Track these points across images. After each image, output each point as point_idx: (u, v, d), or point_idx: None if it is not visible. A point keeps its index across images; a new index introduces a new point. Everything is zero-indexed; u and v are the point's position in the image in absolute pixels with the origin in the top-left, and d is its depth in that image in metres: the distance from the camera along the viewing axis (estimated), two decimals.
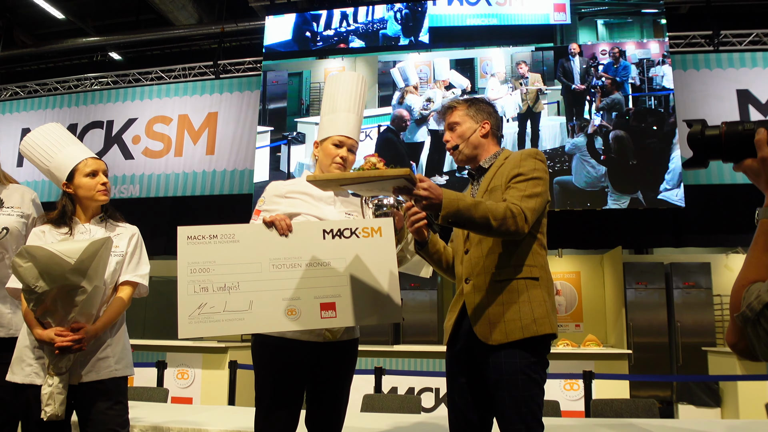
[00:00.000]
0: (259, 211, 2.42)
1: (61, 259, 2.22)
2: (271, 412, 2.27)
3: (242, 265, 2.17)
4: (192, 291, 2.11)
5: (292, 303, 2.15)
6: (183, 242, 2.17)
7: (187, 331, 2.08)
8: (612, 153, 7.64)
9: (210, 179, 8.93)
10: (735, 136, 1.24)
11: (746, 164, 1.22)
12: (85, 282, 2.30)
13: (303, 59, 8.77)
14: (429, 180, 2.00)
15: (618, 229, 8.37)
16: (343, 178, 2.08)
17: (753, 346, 1.12)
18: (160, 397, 4.19)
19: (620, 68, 7.86)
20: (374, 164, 2.10)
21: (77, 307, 2.32)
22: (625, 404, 3.71)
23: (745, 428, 3.06)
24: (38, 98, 10.03)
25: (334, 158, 2.43)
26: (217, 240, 2.18)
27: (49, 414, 2.28)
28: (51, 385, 2.31)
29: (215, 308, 2.11)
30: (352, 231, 2.26)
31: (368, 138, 8.24)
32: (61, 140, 2.65)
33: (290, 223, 2.23)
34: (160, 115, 9.36)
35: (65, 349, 2.30)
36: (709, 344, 7.99)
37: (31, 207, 2.86)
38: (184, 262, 2.14)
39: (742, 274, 1.17)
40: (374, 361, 5.96)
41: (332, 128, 2.48)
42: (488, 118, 2.40)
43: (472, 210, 2.02)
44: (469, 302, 2.24)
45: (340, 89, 2.52)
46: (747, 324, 1.11)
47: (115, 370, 2.48)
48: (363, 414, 3.68)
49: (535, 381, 2.14)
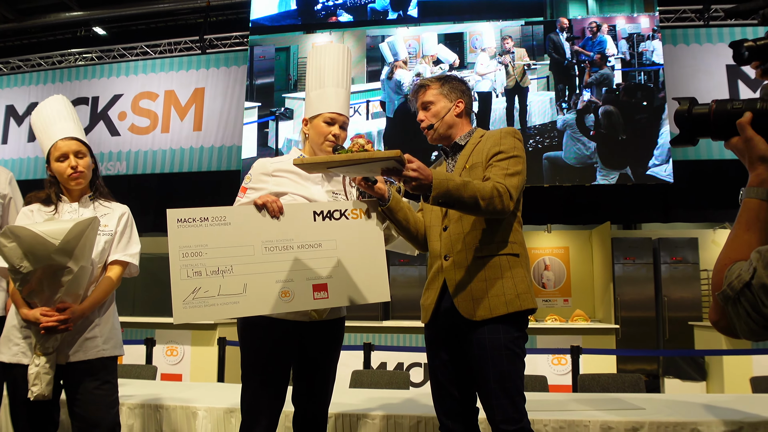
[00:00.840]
0: (245, 188, 2.38)
1: (46, 240, 2.19)
2: (257, 390, 2.27)
3: (235, 248, 2.16)
4: (185, 275, 2.09)
5: (285, 285, 2.16)
6: (173, 226, 2.13)
7: (181, 316, 2.06)
8: (602, 128, 7.63)
9: (198, 155, 8.86)
10: (724, 115, 1.25)
11: (733, 142, 1.24)
12: (71, 262, 2.28)
13: (290, 34, 8.66)
14: (418, 161, 1.99)
15: (607, 205, 8.40)
16: (331, 161, 2.04)
17: (733, 325, 1.13)
18: (149, 374, 4.19)
19: (596, 42, 7.82)
20: (362, 146, 2.07)
21: (63, 288, 2.31)
22: (612, 379, 3.74)
23: (729, 402, 3.10)
24: (22, 74, 9.88)
25: (327, 136, 2.38)
26: (209, 223, 2.16)
27: (35, 394, 2.28)
28: (38, 365, 2.30)
29: (209, 292, 2.09)
30: (341, 212, 2.26)
31: (357, 113, 8.18)
32: (50, 118, 2.58)
33: (281, 205, 2.22)
34: (146, 90, 9.25)
35: (51, 329, 2.29)
36: (696, 319, 8.08)
37: (8, 187, 2.83)
38: (175, 246, 2.11)
39: (724, 253, 1.19)
40: (363, 337, 5.99)
41: (322, 105, 2.41)
42: (462, 97, 2.38)
43: (461, 190, 2.02)
44: (450, 278, 2.24)
45: (326, 63, 2.45)
46: (728, 303, 1.11)
47: (102, 350, 2.46)
48: (352, 390, 3.70)
49: (517, 355, 2.17)
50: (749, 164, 1.21)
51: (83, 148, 2.55)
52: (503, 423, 2.12)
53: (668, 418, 2.72)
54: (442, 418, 2.32)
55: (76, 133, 2.57)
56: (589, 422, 2.74)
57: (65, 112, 2.62)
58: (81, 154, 2.53)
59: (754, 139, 1.19)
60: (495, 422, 2.14)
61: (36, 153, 9.44)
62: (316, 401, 2.39)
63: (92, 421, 2.37)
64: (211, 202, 2.27)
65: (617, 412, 2.85)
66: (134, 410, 3.16)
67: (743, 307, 1.09)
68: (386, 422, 2.89)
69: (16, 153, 9.56)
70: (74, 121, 2.62)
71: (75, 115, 2.66)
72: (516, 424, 2.11)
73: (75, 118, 2.64)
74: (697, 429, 2.67)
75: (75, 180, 2.52)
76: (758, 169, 1.19)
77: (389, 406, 3.07)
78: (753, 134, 1.19)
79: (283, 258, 2.18)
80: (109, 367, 2.49)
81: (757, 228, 1.16)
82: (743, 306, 1.09)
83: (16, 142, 9.64)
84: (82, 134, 2.60)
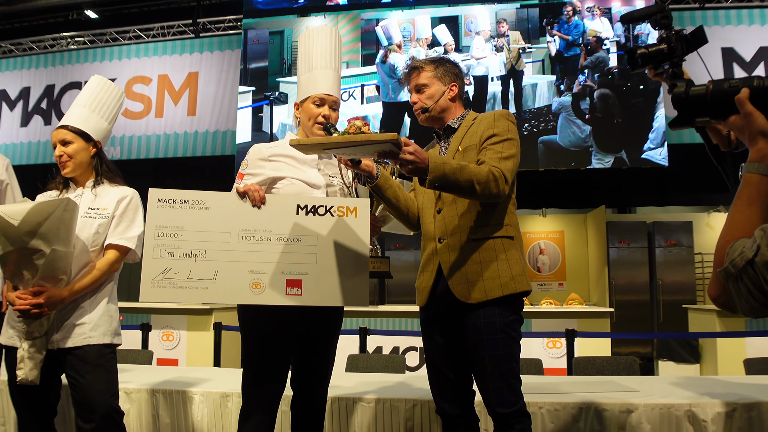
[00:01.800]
0: (242, 174, 2.37)
1: (5, 220, 2.17)
2: (257, 375, 2.27)
3: (211, 233, 2.16)
4: (157, 255, 2.11)
5: (257, 276, 2.15)
6: (153, 204, 2.15)
7: (148, 294, 2.09)
8: (597, 112, 7.62)
9: (192, 140, 8.82)
10: (720, 94, 1.26)
11: (731, 121, 1.24)
12: (43, 244, 2.23)
13: (284, 17, 8.60)
14: (415, 144, 1.98)
15: (601, 189, 8.42)
16: (328, 143, 2.03)
17: (733, 302, 1.13)
18: (145, 359, 4.19)
19: (572, 26, 7.79)
20: (359, 128, 2.05)
21: (39, 271, 2.28)
22: (607, 361, 3.76)
23: (723, 384, 3.12)
24: (13, 58, 9.80)
25: (317, 118, 2.37)
26: (188, 205, 2.16)
27: (20, 378, 2.28)
28: (23, 350, 2.30)
29: (179, 274, 2.11)
30: (326, 209, 2.23)
31: (352, 98, 8.14)
32: (75, 102, 2.63)
33: (263, 195, 2.20)
34: (139, 75, 9.19)
35: (24, 313, 2.27)
36: (690, 302, 8.12)
37: (4, 173, 2.82)
38: (152, 225, 2.13)
39: (726, 229, 1.18)
40: (359, 321, 5.99)
41: (311, 87, 2.41)
42: (455, 80, 2.38)
43: (457, 174, 2.02)
44: (445, 261, 2.24)
45: (314, 46, 2.45)
46: (729, 280, 1.12)
47: (89, 337, 2.42)
48: (348, 374, 3.71)
49: (513, 338, 2.19)
50: (749, 140, 1.21)
51: (70, 135, 2.53)
52: (499, 406, 2.13)
53: (662, 399, 2.74)
54: (438, 400, 2.33)
55: (71, 121, 2.55)
56: (584, 404, 2.75)
57: (85, 97, 2.62)
58: (66, 142, 2.52)
59: (753, 114, 1.20)
60: (491, 405, 2.15)
61: (29, 138, 9.38)
62: (315, 385, 2.40)
63: (89, 407, 2.37)
64: (205, 187, 2.26)
65: (612, 394, 2.86)
66: (130, 395, 3.16)
67: (745, 285, 1.09)
68: (382, 405, 2.90)
69: (9, 138, 9.50)
70: (87, 107, 2.60)
71: (98, 98, 2.63)
72: (512, 407, 2.12)
73: (95, 102, 2.62)
74: (691, 410, 2.68)
75: (62, 167, 2.52)
76: (759, 144, 1.19)
77: (385, 389, 3.08)
78: (752, 109, 1.20)
79: (259, 248, 2.17)
80: (104, 354, 2.47)
81: (758, 203, 1.16)
82: (745, 283, 1.09)
83: (9, 126, 9.58)
84: (89, 120, 2.57)
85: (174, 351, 6.41)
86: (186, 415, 3.08)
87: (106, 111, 2.63)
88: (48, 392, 2.45)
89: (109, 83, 2.68)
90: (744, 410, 2.67)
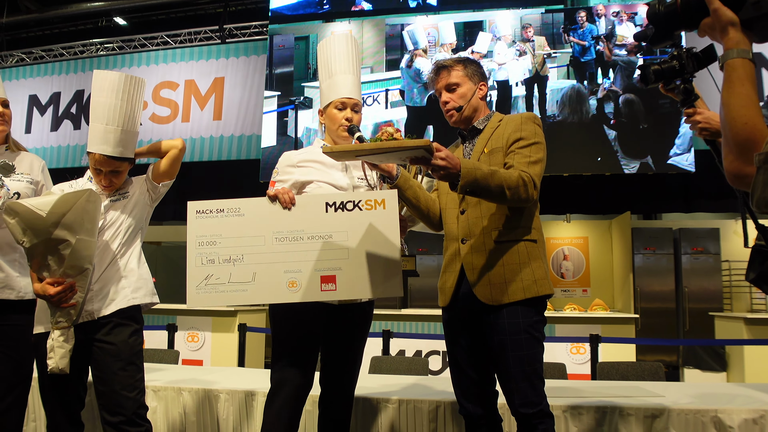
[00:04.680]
0: (274, 182, 2.45)
1: (33, 212, 2.26)
2: (285, 368, 2.32)
3: (246, 238, 2.26)
4: (200, 263, 2.24)
5: (293, 275, 2.23)
6: (192, 216, 2.28)
7: (194, 300, 2.23)
8: (622, 117, 7.56)
9: (217, 145, 8.91)
10: (690, 2, 1.37)
11: (703, 24, 1.34)
12: (68, 234, 2.31)
13: (309, 23, 8.67)
14: (446, 149, 1.99)
15: (627, 195, 8.32)
16: (361, 150, 2.06)
17: (755, 188, 1.15)
18: (171, 358, 4.25)
19: (586, 32, 7.75)
20: (391, 134, 2.09)
21: (66, 260, 2.35)
22: (631, 367, 3.72)
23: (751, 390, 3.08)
24: (44, 64, 9.99)
25: (340, 122, 2.43)
26: (224, 214, 2.28)
27: (50, 367, 2.34)
28: (53, 339, 2.36)
29: (220, 279, 2.23)
30: (354, 204, 2.28)
31: (376, 102, 8.18)
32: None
33: (293, 196, 2.27)
34: (166, 80, 9.32)
35: (49, 300, 2.34)
36: (717, 310, 8.00)
37: (40, 174, 2.89)
38: (192, 236, 2.26)
39: (735, 110, 1.21)
40: (382, 325, 6.01)
41: (332, 93, 2.47)
42: (483, 80, 2.40)
43: (488, 179, 2.03)
44: (468, 263, 2.25)
45: (333, 53, 2.51)
46: (764, 165, 1.13)
47: (132, 298, 2.54)
48: (371, 375, 3.73)
49: (537, 339, 2.19)
50: (721, 33, 1.28)
51: (116, 164, 2.58)
52: (522, 406, 2.13)
53: (689, 405, 2.72)
54: (461, 400, 2.33)
55: (107, 150, 2.55)
56: (608, 408, 2.74)
57: (115, 99, 2.57)
58: (116, 172, 2.63)
59: (720, 8, 1.27)
60: (514, 405, 2.16)
61: (59, 142, 9.56)
62: (343, 384, 2.44)
63: (116, 401, 2.41)
64: (231, 191, 2.34)
65: (636, 399, 2.84)
66: (158, 393, 3.21)
67: None
68: (405, 406, 2.91)
69: (39, 142, 9.68)
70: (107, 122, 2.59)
71: (124, 106, 2.58)
72: (535, 407, 2.13)
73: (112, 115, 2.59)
74: (717, 416, 2.66)
75: (103, 188, 2.62)
76: (730, 34, 1.26)
77: (409, 390, 3.09)
78: (719, 4, 1.27)
79: (293, 248, 2.25)
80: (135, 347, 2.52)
81: (749, 82, 1.22)
82: None
83: (40, 131, 9.77)
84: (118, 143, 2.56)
85: (199, 352, 6.49)
86: (212, 413, 3.12)
87: (126, 118, 2.59)
88: (77, 383, 2.50)
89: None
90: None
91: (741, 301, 8.68)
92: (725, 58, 1.25)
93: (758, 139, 1.16)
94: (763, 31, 1.26)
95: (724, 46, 1.27)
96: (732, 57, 1.24)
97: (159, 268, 8.26)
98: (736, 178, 1.21)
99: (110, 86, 2.55)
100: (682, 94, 1.78)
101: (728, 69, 1.24)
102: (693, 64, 1.63)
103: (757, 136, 1.16)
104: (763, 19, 1.24)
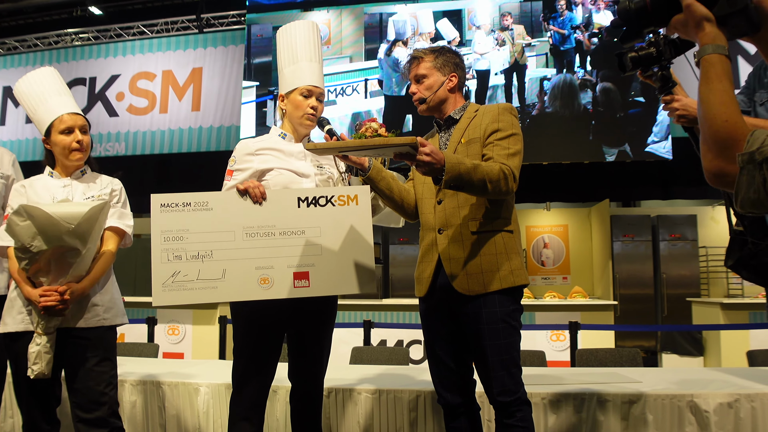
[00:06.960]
0: (231, 171, 2.38)
1: (60, 223, 2.21)
2: (247, 365, 2.30)
3: (216, 233, 2.17)
4: (165, 259, 2.13)
5: (265, 272, 2.17)
6: (156, 210, 2.17)
7: (160, 299, 2.10)
8: (599, 106, 7.60)
9: (196, 136, 8.84)
10: (658, 1, 1.36)
11: (674, 21, 1.32)
12: (81, 244, 2.30)
13: (288, 12, 8.60)
14: (431, 145, 1.98)
15: (605, 182, 8.39)
16: (345, 146, 2.04)
17: (739, 187, 1.13)
18: (151, 352, 4.22)
19: (566, 20, 7.77)
20: (376, 130, 2.07)
21: (71, 269, 2.33)
22: (610, 354, 3.77)
23: (726, 375, 3.13)
24: (18, 55, 9.82)
25: (306, 110, 2.40)
26: (191, 208, 2.18)
27: (36, 372, 2.30)
28: (39, 345, 2.31)
29: (188, 276, 2.13)
30: (327, 199, 2.25)
31: (355, 92, 8.15)
32: (46, 91, 2.57)
33: (264, 191, 2.22)
34: (143, 71, 9.20)
35: (49, 309, 2.30)
36: (694, 295, 8.12)
37: (11, 168, 2.84)
38: (157, 230, 2.14)
39: (715, 108, 1.18)
40: (363, 315, 6.01)
41: (297, 79, 2.43)
42: (455, 71, 2.38)
43: (471, 173, 2.04)
44: (445, 254, 2.26)
45: (296, 39, 2.47)
46: (746, 165, 1.11)
47: (103, 319, 2.47)
48: (352, 366, 3.73)
49: (514, 328, 2.21)
50: (695, 29, 1.26)
51: (87, 125, 2.57)
52: (500, 395, 2.15)
53: (665, 390, 2.75)
54: (439, 389, 2.35)
55: (79, 110, 2.58)
56: (586, 395, 2.77)
57: (63, 87, 2.62)
58: (85, 130, 2.55)
59: (694, 4, 1.25)
60: (492, 394, 2.17)
61: (34, 135, 9.41)
62: (311, 377, 2.42)
63: (91, 397, 2.39)
64: (210, 183, 2.29)
65: (614, 385, 2.88)
66: (136, 387, 3.19)
67: (762, 175, 1.08)
68: (386, 396, 2.92)
69: (14, 134, 9.53)
70: (72, 97, 2.63)
71: (69, 90, 2.66)
72: (513, 395, 2.15)
73: (71, 93, 2.65)
74: (693, 401, 2.70)
75: (78, 153, 2.52)
76: (705, 29, 1.24)
77: (388, 381, 3.10)
78: (691, 0, 1.25)
79: (264, 244, 2.19)
80: (108, 340, 2.50)
81: (726, 78, 1.20)
82: (763, 173, 1.08)
83: (14, 123, 9.61)
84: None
85: (179, 345, 6.45)
86: (192, 407, 3.10)
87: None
88: (54, 381, 2.48)
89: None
90: (747, 400, 2.68)
91: (718, 286, 8.81)
92: (702, 53, 1.23)
93: (739, 137, 1.14)
94: (736, 27, 1.24)
95: (699, 42, 1.25)
96: (708, 52, 1.22)
97: (139, 260, 8.19)
98: (716, 178, 1.18)
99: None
100: (659, 81, 1.79)
101: (705, 65, 1.22)
102: (670, 50, 1.62)
103: (737, 133, 1.15)
104: (736, 16, 1.23)
